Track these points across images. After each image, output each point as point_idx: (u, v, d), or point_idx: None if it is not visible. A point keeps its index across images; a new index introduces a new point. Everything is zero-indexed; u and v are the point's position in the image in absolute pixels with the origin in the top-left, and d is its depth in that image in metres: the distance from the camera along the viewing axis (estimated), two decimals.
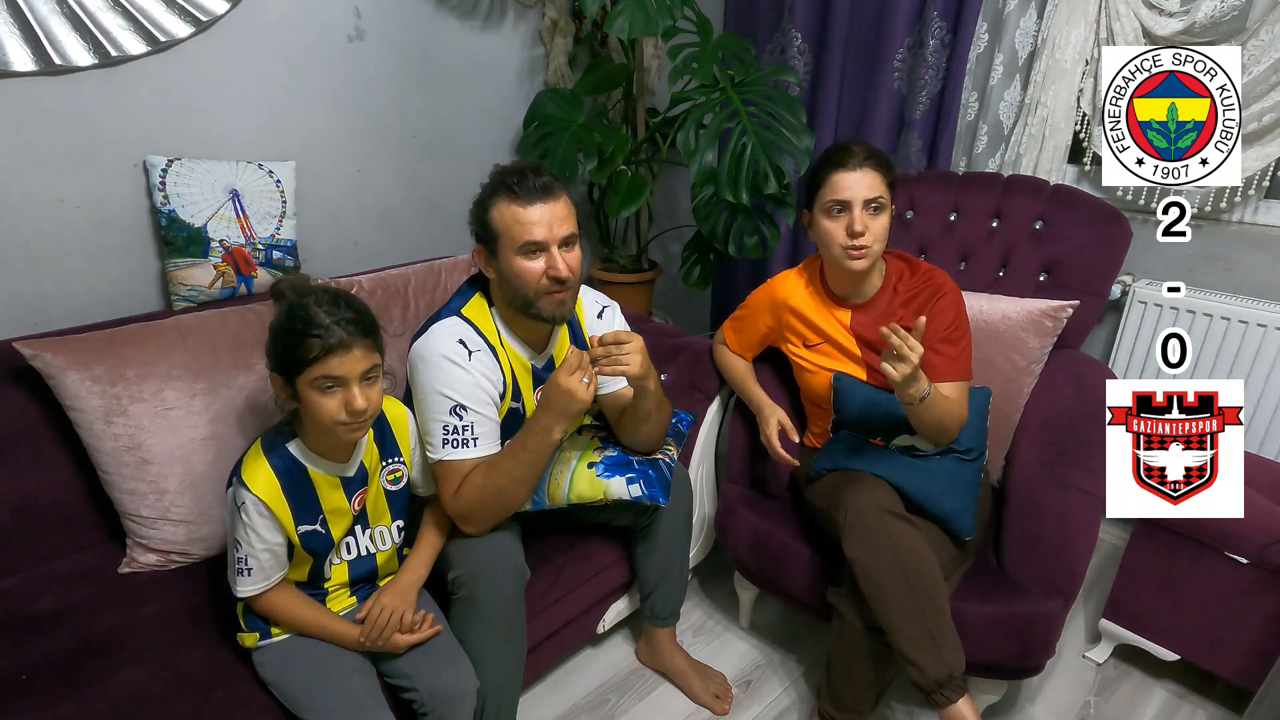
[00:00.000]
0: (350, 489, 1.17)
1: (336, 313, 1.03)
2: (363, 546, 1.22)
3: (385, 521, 1.24)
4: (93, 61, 1.45)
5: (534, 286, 1.20)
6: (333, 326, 1.02)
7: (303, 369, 1.03)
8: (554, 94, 2.18)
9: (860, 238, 1.34)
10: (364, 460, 1.19)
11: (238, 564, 1.10)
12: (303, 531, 1.13)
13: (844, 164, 1.35)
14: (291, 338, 1.02)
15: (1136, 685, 1.63)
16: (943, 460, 1.39)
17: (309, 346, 1.01)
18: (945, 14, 1.89)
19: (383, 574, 1.27)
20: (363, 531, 1.21)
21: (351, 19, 1.83)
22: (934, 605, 1.21)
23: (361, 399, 1.05)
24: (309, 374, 1.03)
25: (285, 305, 1.05)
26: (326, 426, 1.06)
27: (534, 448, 1.21)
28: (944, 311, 1.40)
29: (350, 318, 1.04)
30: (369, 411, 1.07)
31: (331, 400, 1.04)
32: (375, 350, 1.08)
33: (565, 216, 1.20)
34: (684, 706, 1.57)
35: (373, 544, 1.23)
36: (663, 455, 1.43)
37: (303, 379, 1.03)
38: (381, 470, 1.23)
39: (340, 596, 1.22)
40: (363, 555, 1.22)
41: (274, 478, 1.10)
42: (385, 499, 1.24)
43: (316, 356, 1.01)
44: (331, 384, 1.03)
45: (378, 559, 1.24)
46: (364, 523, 1.21)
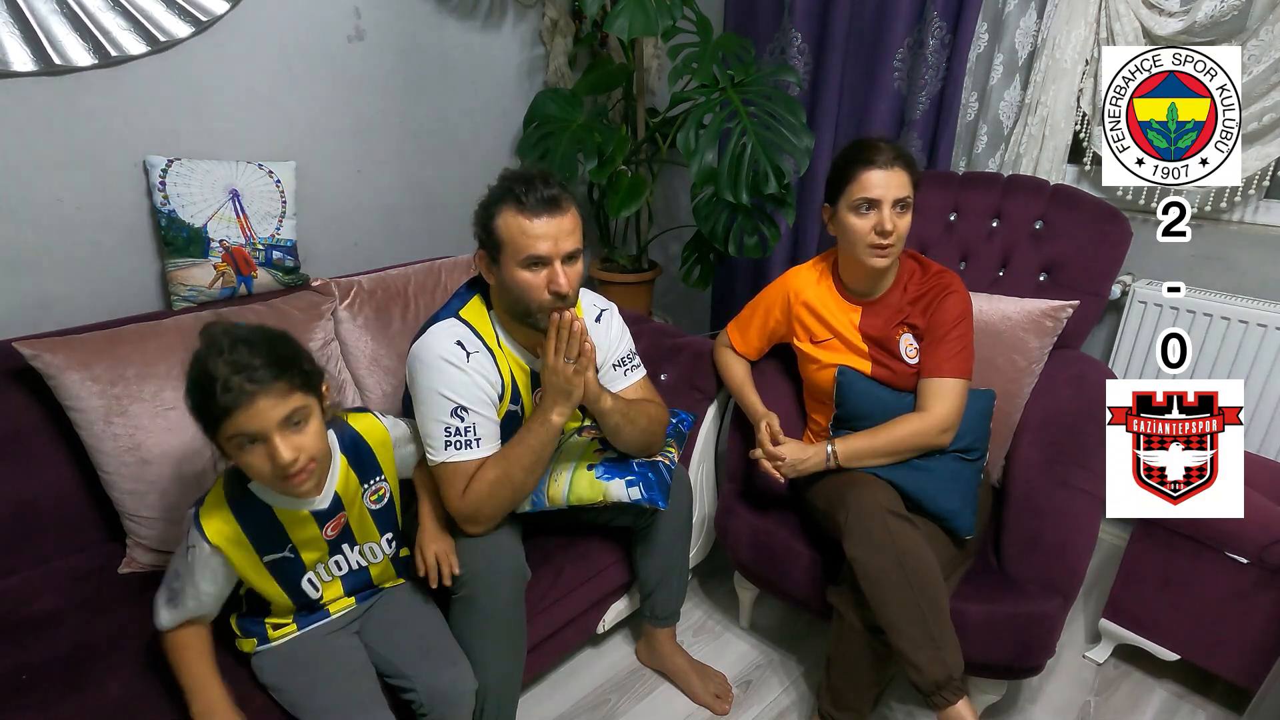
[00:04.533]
0: (323, 519, 1.12)
1: (238, 361, 0.91)
2: (353, 562, 1.19)
3: (374, 538, 1.20)
4: (93, 61, 1.45)
5: (535, 300, 1.20)
6: (231, 379, 0.90)
7: (215, 429, 0.94)
8: (554, 94, 2.18)
9: (889, 236, 1.34)
10: (338, 490, 1.12)
11: (168, 591, 1.05)
12: (270, 560, 1.09)
13: (874, 161, 1.34)
14: (195, 397, 0.94)
15: (1136, 685, 1.63)
16: (943, 460, 1.39)
17: (212, 406, 0.91)
18: (945, 14, 1.89)
19: (379, 582, 1.25)
20: (351, 548, 1.18)
21: (351, 19, 1.83)
22: (934, 606, 1.21)
23: (286, 450, 0.94)
24: (223, 433, 0.93)
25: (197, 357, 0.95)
26: (265, 481, 0.99)
27: (538, 432, 1.21)
28: (949, 309, 1.40)
29: (255, 364, 0.92)
30: (301, 459, 0.96)
31: (255, 456, 0.95)
32: (295, 390, 0.96)
33: (571, 231, 1.20)
34: (684, 706, 1.57)
35: (364, 558, 1.20)
36: (663, 458, 1.43)
37: (220, 437, 0.94)
38: (363, 493, 1.17)
39: (341, 603, 1.21)
40: (354, 569, 1.20)
41: (233, 519, 1.04)
42: (371, 518, 1.19)
43: (221, 415, 0.91)
44: (249, 440, 0.94)
45: (371, 571, 1.22)
46: (350, 540, 1.17)
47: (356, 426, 1.18)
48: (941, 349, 1.39)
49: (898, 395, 1.43)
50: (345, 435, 1.16)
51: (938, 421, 1.36)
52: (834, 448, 1.38)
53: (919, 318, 1.44)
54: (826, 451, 1.38)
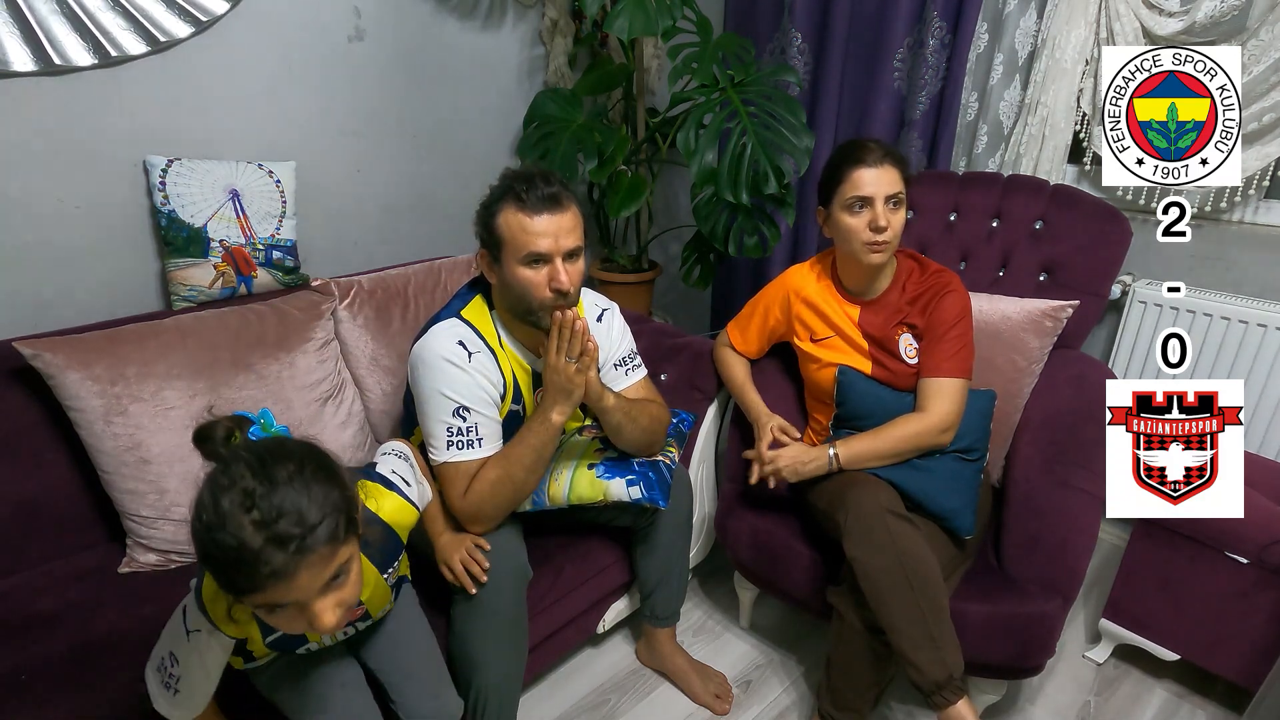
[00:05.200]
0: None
1: (274, 525, 0.70)
2: (360, 626, 1.10)
3: (387, 602, 1.11)
4: (93, 61, 1.45)
5: (537, 298, 1.20)
6: (266, 550, 0.70)
7: (240, 596, 0.75)
8: (554, 94, 2.18)
9: (883, 233, 1.35)
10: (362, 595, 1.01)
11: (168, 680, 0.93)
12: (271, 640, 0.98)
13: (864, 160, 1.36)
14: (215, 563, 0.72)
15: (1136, 685, 1.63)
16: (943, 460, 1.39)
17: (240, 578, 0.72)
18: (945, 14, 1.89)
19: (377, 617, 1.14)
20: (364, 621, 1.10)
21: (351, 19, 1.83)
22: (934, 606, 1.21)
23: (329, 614, 0.77)
24: (249, 600, 0.75)
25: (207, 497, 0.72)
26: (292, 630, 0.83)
27: (539, 431, 1.21)
28: (947, 309, 1.40)
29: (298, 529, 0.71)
30: (342, 620, 0.80)
31: (288, 620, 0.78)
32: (341, 544, 0.76)
33: (572, 228, 1.20)
34: (684, 706, 1.57)
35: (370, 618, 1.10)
36: (663, 457, 1.43)
37: (245, 599, 0.76)
38: (385, 576, 1.06)
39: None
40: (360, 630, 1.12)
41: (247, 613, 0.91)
42: (388, 589, 1.09)
43: (250, 589, 0.73)
44: (284, 606, 0.76)
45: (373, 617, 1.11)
46: (365, 617, 1.08)
47: (383, 513, 1.03)
48: (941, 348, 1.39)
49: (898, 395, 1.43)
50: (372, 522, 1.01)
51: (938, 421, 1.36)
52: (836, 451, 1.38)
53: (918, 317, 1.44)
54: (829, 455, 1.38)
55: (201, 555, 0.74)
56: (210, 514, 0.71)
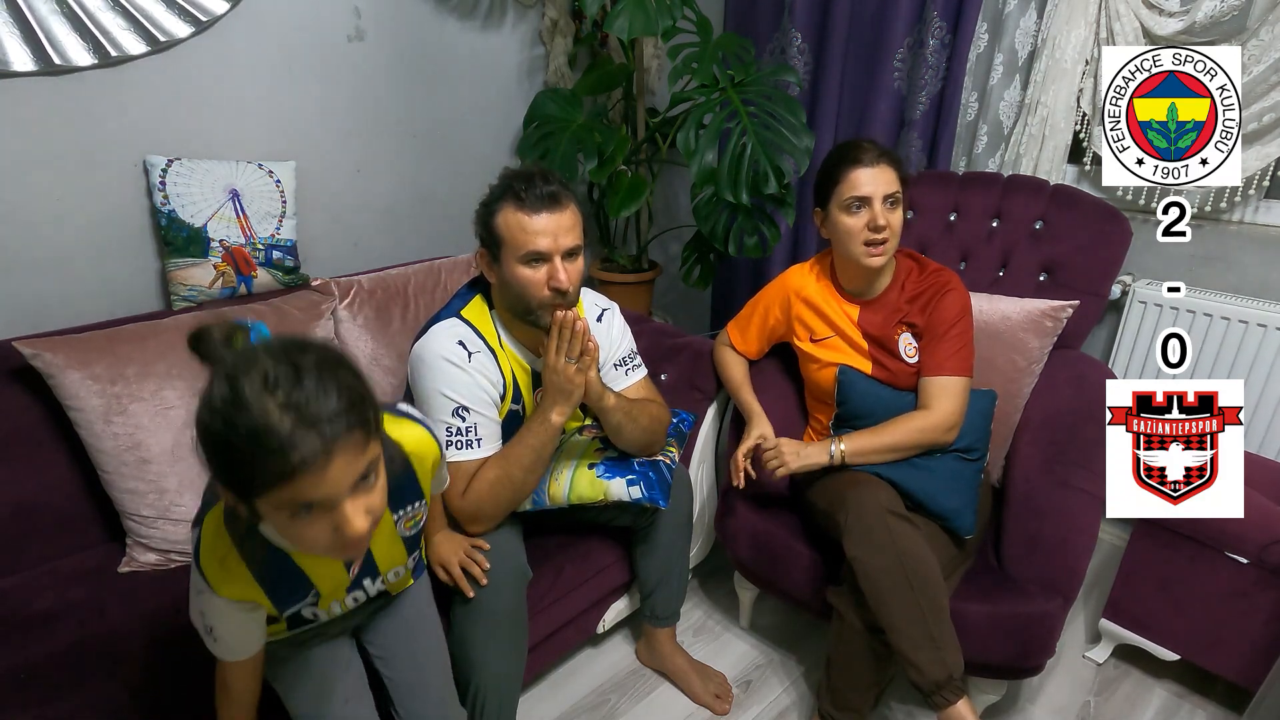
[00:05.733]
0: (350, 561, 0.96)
1: (304, 405, 0.64)
2: (373, 590, 1.02)
3: (400, 561, 1.03)
4: (93, 61, 1.45)
5: (536, 297, 1.20)
6: (297, 433, 0.63)
7: (259, 494, 0.67)
8: (554, 94, 2.18)
9: (882, 232, 1.36)
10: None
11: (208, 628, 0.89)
12: (289, 613, 0.93)
13: (860, 160, 1.36)
14: (234, 454, 0.64)
15: (1136, 685, 1.63)
16: (944, 459, 1.39)
17: (265, 469, 0.64)
18: (945, 14, 1.89)
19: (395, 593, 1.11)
20: (374, 580, 1.02)
21: (351, 19, 1.83)
22: (934, 606, 1.21)
23: (358, 520, 0.71)
24: (272, 498, 0.67)
25: (220, 386, 0.65)
26: (316, 551, 0.75)
27: (538, 431, 1.21)
28: (947, 308, 1.40)
29: (327, 410, 0.65)
30: (371, 520, 0.73)
31: (312, 528, 0.71)
32: (370, 437, 0.71)
33: (571, 227, 1.20)
34: (684, 706, 1.57)
35: (385, 584, 1.03)
36: (664, 457, 1.43)
37: (262, 503, 0.68)
38: (396, 521, 0.98)
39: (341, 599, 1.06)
40: (373, 598, 1.04)
41: (247, 573, 0.83)
42: (401, 543, 1.01)
43: (276, 481, 0.65)
44: (309, 507, 0.69)
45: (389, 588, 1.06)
46: (373, 573, 1.01)
47: (405, 442, 0.94)
48: (942, 347, 1.39)
49: (899, 394, 1.43)
50: (392, 456, 0.90)
51: (942, 419, 1.36)
52: (839, 444, 1.37)
53: (918, 316, 1.44)
54: (831, 448, 1.37)
55: (214, 449, 0.65)
56: (225, 401, 0.63)
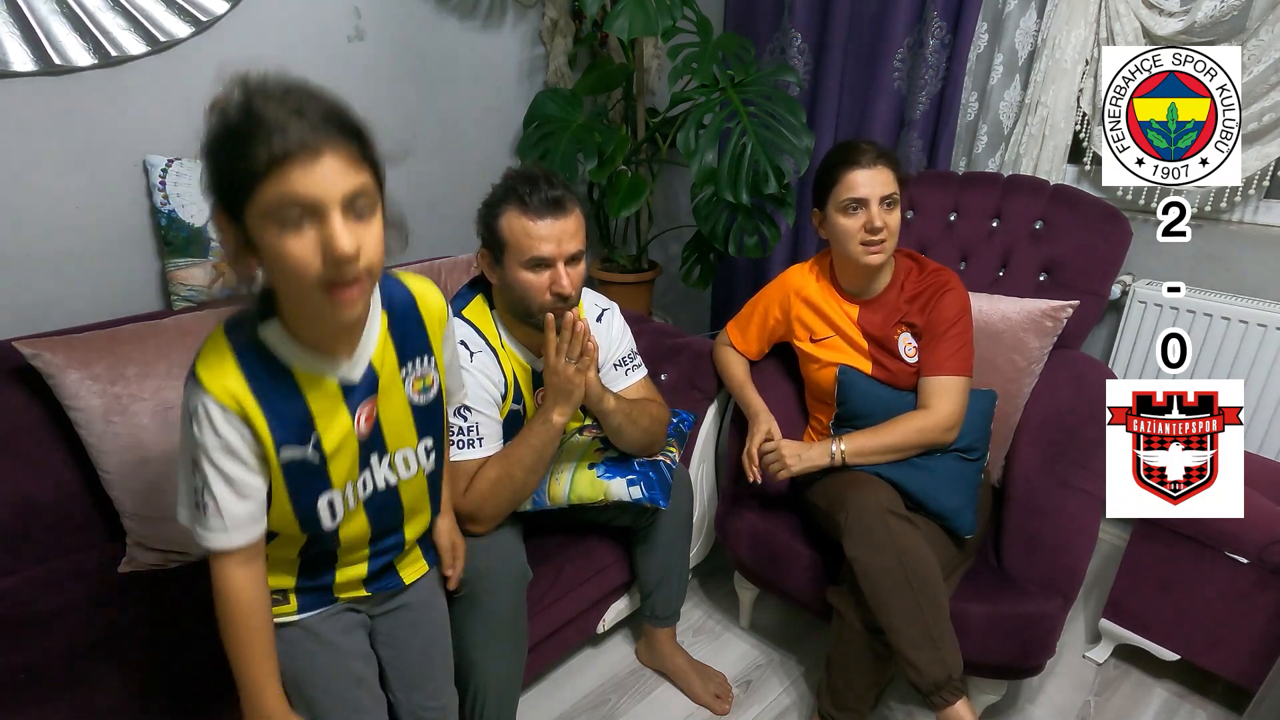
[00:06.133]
0: (354, 399, 0.85)
1: (298, 105, 0.69)
2: (380, 478, 0.92)
3: (410, 443, 0.93)
4: (93, 61, 1.44)
5: (538, 301, 1.20)
6: (288, 121, 0.67)
7: (250, 191, 0.68)
8: (554, 94, 2.18)
9: (880, 233, 1.36)
10: (374, 361, 0.87)
11: (198, 498, 0.80)
12: (286, 459, 0.82)
13: (858, 162, 1.37)
14: (228, 145, 0.68)
15: (1136, 685, 1.63)
16: (944, 459, 1.39)
17: (253, 154, 0.67)
18: (945, 14, 1.89)
19: (409, 515, 0.98)
20: (380, 460, 0.92)
21: (351, 19, 1.83)
22: (934, 606, 1.21)
23: (345, 237, 0.70)
24: (260, 199, 0.68)
25: (217, 99, 0.71)
26: (304, 290, 0.72)
27: (540, 432, 1.21)
28: (946, 308, 1.41)
29: (320, 114, 0.70)
30: (363, 263, 0.72)
31: (299, 243, 0.69)
32: (363, 163, 0.74)
33: (575, 233, 1.20)
34: (684, 706, 1.57)
35: (394, 473, 0.93)
36: (664, 457, 1.43)
37: (254, 210, 0.69)
38: (404, 379, 0.90)
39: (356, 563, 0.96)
40: (380, 489, 0.93)
41: (242, 377, 0.78)
42: (412, 416, 0.92)
43: (266, 169, 0.67)
44: (298, 213, 0.69)
45: (402, 494, 0.95)
46: (380, 448, 0.91)
47: (411, 285, 0.93)
48: (941, 347, 1.39)
49: (898, 394, 1.43)
50: (393, 293, 0.91)
51: (943, 419, 1.36)
52: (840, 444, 1.38)
53: (917, 316, 1.44)
54: (832, 450, 1.38)
55: (212, 148, 0.70)
56: (223, 102, 0.69)
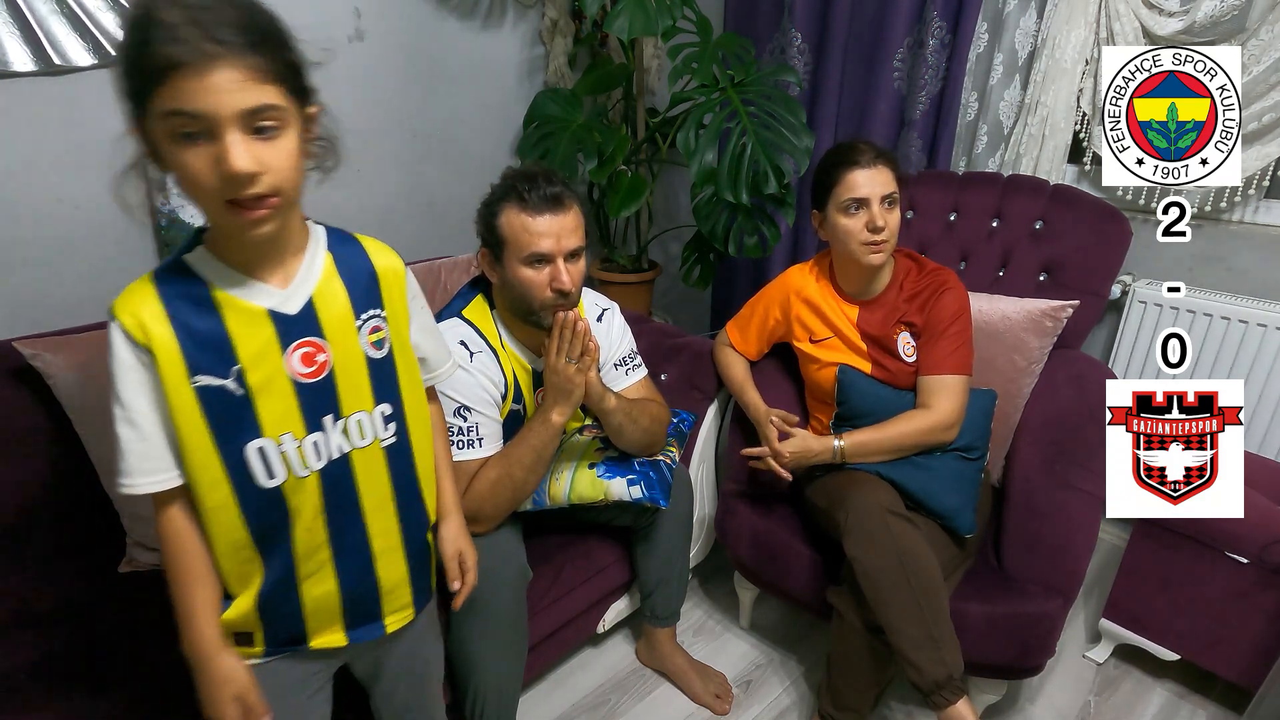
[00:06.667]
0: (288, 333, 0.79)
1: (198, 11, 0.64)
2: (334, 445, 0.83)
3: (365, 404, 0.85)
4: (93, 61, 1.45)
5: (538, 298, 1.20)
6: (183, 28, 0.63)
7: (146, 98, 0.65)
8: (554, 94, 2.18)
9: (880, 233, 1.36)
10: (315, 298, 0.81)
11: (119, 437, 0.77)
12: (201, 384, 0.75)
13: (857, 162, 1.37)
14: (128, 47, 0.65)
15: (1136, 685, 1.63)
16: (944, 459, 1.39)
17: (147, 60, 0.63)
18: (945, 14, 1.89)
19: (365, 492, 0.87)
20: (334, 422, 0.83)
21: (351, 19, 1.83)
22: (934, 606, 1.21)
23: (240, 155, 0.66)
24: (154, 108, 0.65)
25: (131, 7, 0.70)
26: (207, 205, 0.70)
27: (540, 431, 1.21)
28: (945, 307, 1.41)
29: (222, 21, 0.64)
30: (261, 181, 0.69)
31: (196, 156, 0.66)
32: (270, 80, 0.68)
33: (574, 229, 1.20)
34: (684, 706, 1.57)
35: (347, 439, 0.84)
36: (664, 456, 1.43)
37: (151, 118, 0.66)
38: (359, 328, 0.84)
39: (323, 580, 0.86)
40: (335, 458, 0.84)
41: (157, 301, 0.74)
42: (367, 370, 0.85)
43: (157, 74, 0.63)
44: (192, 129, 0.65)
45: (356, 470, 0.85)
46: (333, 406, 0.82)
47: (372, 252, 0.92)
48: (940, 346, 1.39)
49: (898, 393, 1.43)
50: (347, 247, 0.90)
51: (942, 418, 1.36)
52: (841, 442, 1.38)
53: (916, 315, 1.44)
54: (834, 445, 1.38)
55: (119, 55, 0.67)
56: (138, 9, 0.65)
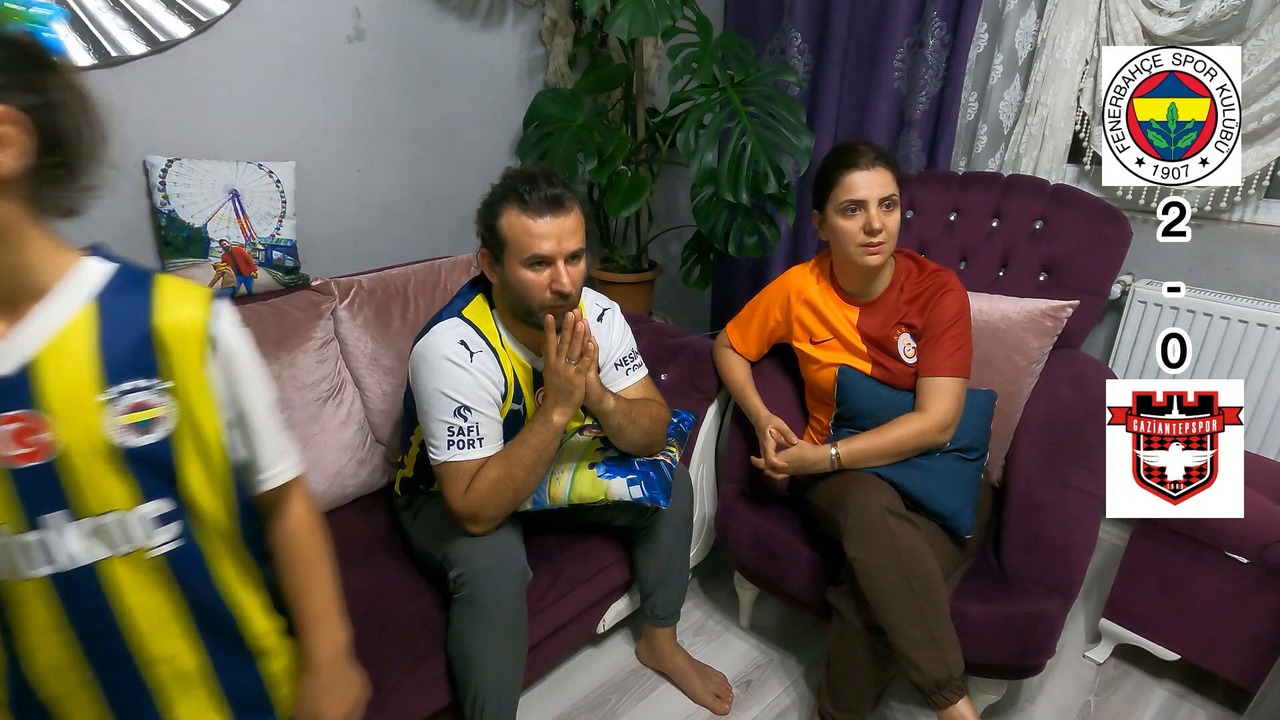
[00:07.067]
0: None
1: None
2: (70, 551, 0.65)
3: (120, 502, 0.66)
4: (93, 61, 1.45)
5: (538, 299, 1.21)
6: None
7: None
8: (554, 94, 2.18)
9: (878, 234, 1.36)
10: (37, 360, 0.63)
11: None
12: None
13: (856, 164, 1.37)
14: None
15: (1136, 685, 1.63)
16: (943, 459, 1.39)
17: None
18: (945, 14, 1.89)
19: (132, 609, 0.68)
20: (68, 521, 0.65)
21: (351, 19, 1.83)
22: (934, 606, 1.21)
23: None
24: None
25: None
26: None
27: (540, 431, 1.22)
28: (945, 309, 1.41)
29: None
30: None
31: None
32: None
33: (574, 230, 1.20)
34: (684, 706, 1.57)
35: (99, 543, 0.66)
36: (664, 456, 1.43)
37: None
38: (105, 405, 0.64)
39: (67, 677, 0.68)
40: (69, 570, 0.65)
41: None
42: (119, 461, 0.65)
43: None
44: None
45: (109, 590, 0.67)
46: (60, 503, 0.64)
47: (162, 300, 0.69)
48: (939, 348, 1.39)
49: (898, 394, 1.43)
50: (127, 296, 0.68)
51: (938, 420, 1.36)
52: (837, 450, 1.38)
53: (916, 317, 1.44)
54: (830, 455, 1.38)
55: None
56: None
